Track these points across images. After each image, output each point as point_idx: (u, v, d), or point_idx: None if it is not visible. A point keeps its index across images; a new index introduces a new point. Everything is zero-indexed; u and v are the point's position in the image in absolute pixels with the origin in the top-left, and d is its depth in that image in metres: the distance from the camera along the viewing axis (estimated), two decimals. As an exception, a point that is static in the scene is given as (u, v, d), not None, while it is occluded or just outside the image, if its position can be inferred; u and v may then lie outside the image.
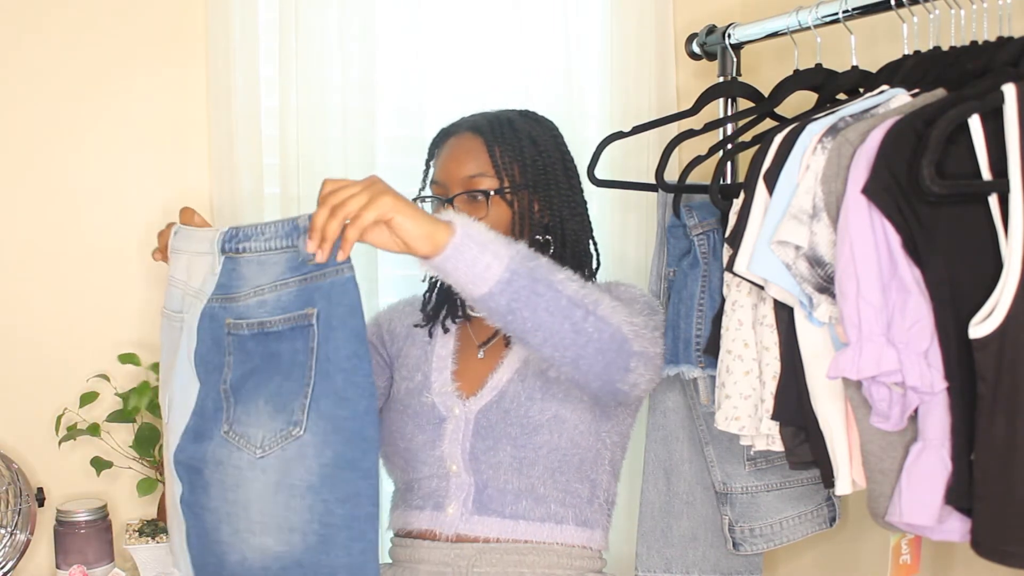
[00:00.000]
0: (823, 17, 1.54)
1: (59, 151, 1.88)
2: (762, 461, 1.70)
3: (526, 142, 1.57)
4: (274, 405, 1.24)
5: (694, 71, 2.05)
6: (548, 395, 1.52)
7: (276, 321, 1.26)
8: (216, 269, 1.32)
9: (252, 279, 1.29)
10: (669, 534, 1.75)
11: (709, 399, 1.60)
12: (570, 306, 1.33)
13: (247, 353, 1.28)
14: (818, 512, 1.75)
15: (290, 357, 1.24)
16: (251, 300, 1.29)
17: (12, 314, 1.87)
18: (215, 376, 1.30)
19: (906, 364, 1.18)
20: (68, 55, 1.87)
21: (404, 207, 1.21)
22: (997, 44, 1.30)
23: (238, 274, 1.31)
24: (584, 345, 1.35)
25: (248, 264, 1.30)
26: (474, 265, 1.25)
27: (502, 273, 1.27)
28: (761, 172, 1.34)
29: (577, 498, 1.55)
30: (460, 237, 1.24)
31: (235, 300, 1.30)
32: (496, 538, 1.51)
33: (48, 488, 1.84)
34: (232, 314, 1.30)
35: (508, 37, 2.02)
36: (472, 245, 1.25)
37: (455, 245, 1.24)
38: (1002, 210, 1.16)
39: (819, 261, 1.27)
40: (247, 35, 1.88)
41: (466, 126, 1.60)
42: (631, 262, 2.04)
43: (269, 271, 1.27)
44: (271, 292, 1.26)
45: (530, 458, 1.51)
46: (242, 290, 1.30)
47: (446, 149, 1.58)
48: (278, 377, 1.25)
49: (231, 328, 1.30)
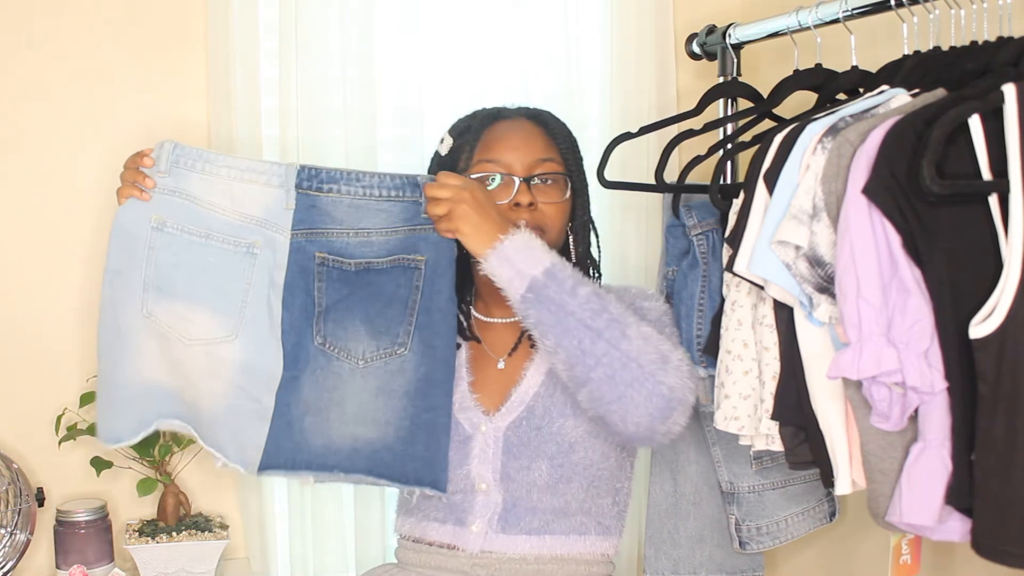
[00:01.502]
0: (823, 17, 1.54)
1: (60, 151, 1.88)
2: (768, 459, 1.70)
3: (576, 141, 1.59)
4: (374, 327, 1.50)
5: (694, 71, 2.05)
6: (579, 410, 1.48)
7: (383, 261, 1.50)
8: (291, 204, 1.48)
9: (346, 220, 1.49)
10: (676, 535, 1.75)
11: (709, 399, 1.60)
12: (580, 326, 1.39)
13: (344, 283, 1.51)
14: (819, 508, 1.75)
15: (392, 291, 1.50)
16: (351, 240, 1.50)
17: (12, 314, 1.87)
18: (301, 299, 1.50)
19: (906, 364, 1.18)
20: (68, 55, 1.87)
21: (466, 223, 1.41)
22: (997, 44, 1.30)
23: (320, 211, 1.49)
24: (592, 368, 1.38)
25: (335, 204, 1.49)
26: (500, 281, 1.41)
27: (523, 289, 1.40)
28: (761, 172, 1.34)
29: (600, 507, 1.54)
30: (492, 254, 1.40)
31: (324, 236, 1.50)
32: (522, 554, 1.50)
33: (48, 488, 1.84)
34: (324, 248, 1.50)
35: (508, 37, 2.02)
36: (500, 263, 1.40)
37: (487, 259, 1.41)
38: (1002, 210, 1.16)
39: (819, 261, 1.27)
40: (247, 35, 1.88)
41: (517, 113, 1.59)
42: (631, 262, 2.04)
43: (373, 217, 1.49)
44: (379, 236, 1.49)
45: (567, 476, 1.49)
46: (331, 228, 1.50)
47: (502, 130, 1.55)
48: (378, 305, 1.50)
49: (325, 261, 1.50)
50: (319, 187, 1.49)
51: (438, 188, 1.43)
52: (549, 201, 1.51)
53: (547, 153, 1.53)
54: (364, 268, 1.50)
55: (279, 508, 1.96)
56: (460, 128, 1.58)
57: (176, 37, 1.91)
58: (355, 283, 1.51)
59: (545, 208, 1.51)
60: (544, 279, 1.39)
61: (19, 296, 1.87)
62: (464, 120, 1.59)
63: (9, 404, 1.87)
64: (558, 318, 1.38)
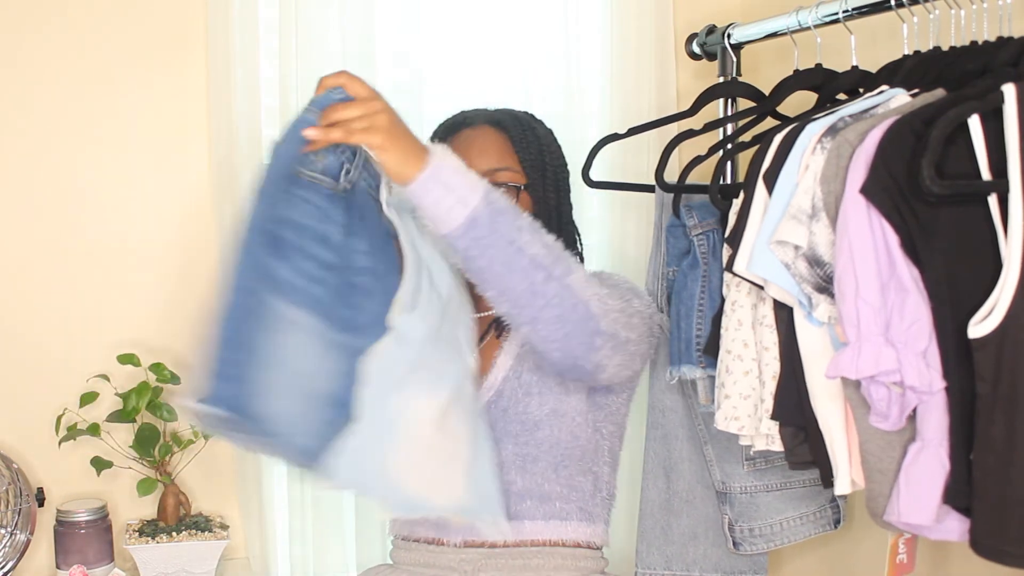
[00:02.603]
0: (823, 17, 1.54)
1: (60, 151, 1.88)
2: (761, 461, 1.70)
3: (544, 143, 1.56)
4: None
5: (694, 71, 2.05)
6: (545, 389, 1.50)
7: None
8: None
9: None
10: (669, 532, 1.75)
11: (708, 399, 1.60)
12: (531, 266, 1.29)
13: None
14: (821, 514, 1.74)
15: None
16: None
17: (13, 314, 1.87)
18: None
19: (905, 364, 1.18)
20: (69, 56, 1.87)
21: (388, 137, 1.23)
22: (997, 44, 1.30)
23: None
24: (541, 308, 1.30)
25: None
26: (438, 205, 1.25)
27: (464, 219, 1.25)
28: (761, 172, 1.34)
29: (580, 492, 1.54)
30: (429, 173, 1.24)
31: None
32: (503, 542, 1.50)
33: (48, 488, 1.84)
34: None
35: (508, 37, 2.02)
36: (438, 185, 1.24)
37: (422, 181, 1.24)
38: (1001, 210, 1.16)
39: (818, 261, 1.27)
40: (247, 35, 1.88)
41: (483, 119, 1.57)
42: (631, 262, 2.04)
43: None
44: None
45: (532, 454, 1.50)
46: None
47: (462, 140, 1.54)
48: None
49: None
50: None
51: (346, 107, 1.26)
52: None
53: (502, 162, 1.52)
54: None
55: (279, 508, 1.96)
56: (432, 135, 1.59)
57: (176, 37, 1.91)
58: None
59: None
60: (486, 206, 1.27)
61: (19, 296, 1.87)
62: (437, 128, 1.60)
63: (9, 404, 1.87)
64: (507, 255, 1.28)
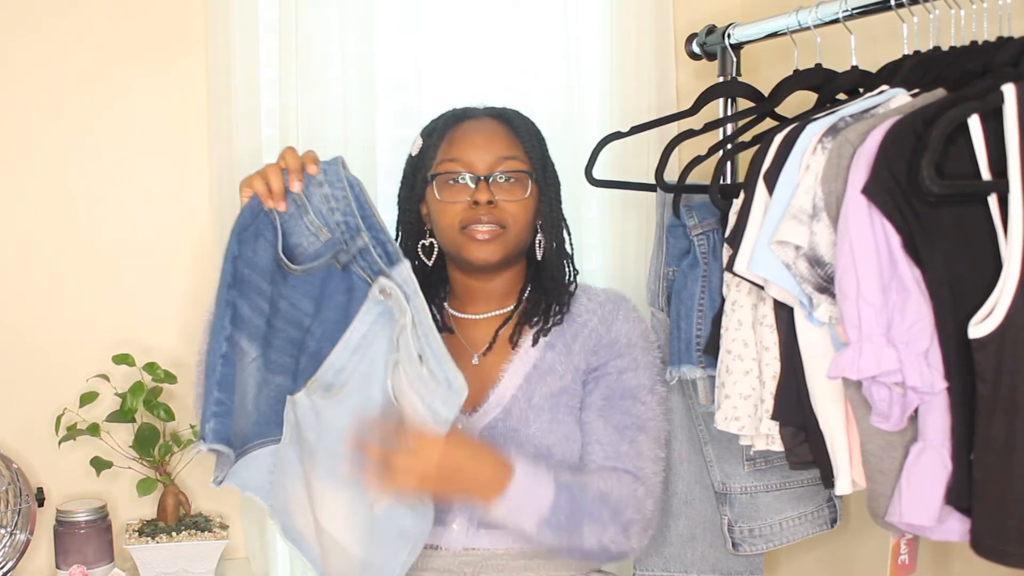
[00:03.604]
0: (823, 17, 1.54)
1: (59, 151, 1.88)
2: (761, 462, 1.70)
3: (543, 139, 1.58)
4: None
5: (694, 71, 2.05)
6: (556, 413, 1.49)
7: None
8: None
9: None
10: (667, 533, 1.75)
11: (708, 399, 1.60)
12: (551, 529, 1.39)
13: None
14: (819, 513, 1.74)
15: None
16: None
17: (12, 314, 1.87)
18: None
19: (906, 364, 1.18)
20: (68, 55, 1.87)
21: (425, 485, 1.35)
22: (997, 44, 1.30)
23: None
24: (548, 548, 1.43)
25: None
26: (521, 512, 1.38)
27: (534, 527, 1.39)
28: (761, 172, 1.34)
29: None
30: (507, 494, 1.36)
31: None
32: (505, 548, 1.49)
33: (48, 488, 1.84)
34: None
35: (508, 37, 2.02)
36: (517, 498, 1.36)
37: (504, 501, 1.37)
38: (1002, 210, 1.16)
39: (819, 261, 1.27)
40: (247, 35, 1.87)
41: (483, 113, 1.58)
42: (631, 262, 2.04)
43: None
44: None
45: None
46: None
47: (466, 130, 1.55)
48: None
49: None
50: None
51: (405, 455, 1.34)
52: (510, 199, 1.50)
53: (510, 151, 1.52)
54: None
55: (279, 508, 1.95)
56: (428, 129, 1.58)
57: (176, 37, 1.91)
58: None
59: (506, 205, 1.50)
60: (555, 491, 1.39)
61: (19, 296, 1.87)
62: (433, 121, 1.59)
63: (9, 404, 1.87)
64: (558, 543, 1.41)
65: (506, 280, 1.56)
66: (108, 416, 1.81)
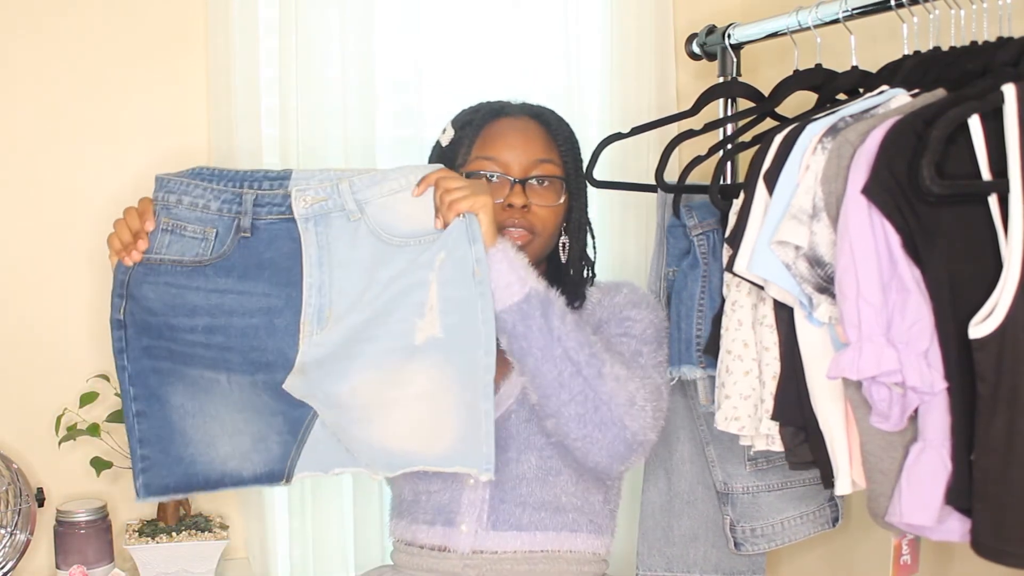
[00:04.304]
0: (823, 17, 1.54)
1: (59, 151, 1.88)
2: (763, 461, 1.70)
3: (576, 141, 1.58)
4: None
5: (694, 71, 2.05)
6: None
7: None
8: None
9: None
10: (670, 533, 1.75)
11: (709, 399, 1.60)
12: (563, 358, 1.38)
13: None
14: (820, 512, 1.74)
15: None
16: None
17: (12, 314, 1.87)
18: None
19: (906, 364, 1.18)
20: (68, 55, 1.87)
21: (488, 206, 1.38)
22: (997, 44, 1.30)
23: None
24: (565, 403, 1.39)
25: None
26: (499, 278, 1.37)
27: (520, 296, 1.37)
28: (761, 172, 1.34)
29: (592, 505, 1.54)
30: (500, 246, 1.38)
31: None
32: (513, 551, 1.49)
33: (48, 488, 1.84)
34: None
35: (508, 37, 2.02)
36: (505, 259, 1.37)
37: (493, 253, 1.37)
38: (1002, 210, 1.16)
39: (819, 261, 1.27)
40: (247, 35, 1.87)
41: (521, 111, 1.57)
42: (631, 262, 2.04)
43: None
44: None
45: (556, 468, 1.50)
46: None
47: (504, 127, 1.54)
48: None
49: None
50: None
51: (454, 177, 1.40)
52: (543, 204, 1.51)
53: (546, 154, 1.52)
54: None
55: (279, 508, 1.96)
56: (463, 120, 1.57)
57: (176, 37, 1.91)
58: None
59: (538, 211, 1.51)
60: (543, 293, 1.39)
61: (19, 296, 1.87)
62: (467, 112, 1.58)
63: (9, 404, 1.87)
64: (546, 340, 1.38)
65: None
66: (108, 416, 1.81)
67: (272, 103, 1.90)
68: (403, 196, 1.41)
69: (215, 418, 1.46)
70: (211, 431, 1.46)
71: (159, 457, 1.46)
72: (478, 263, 1.38)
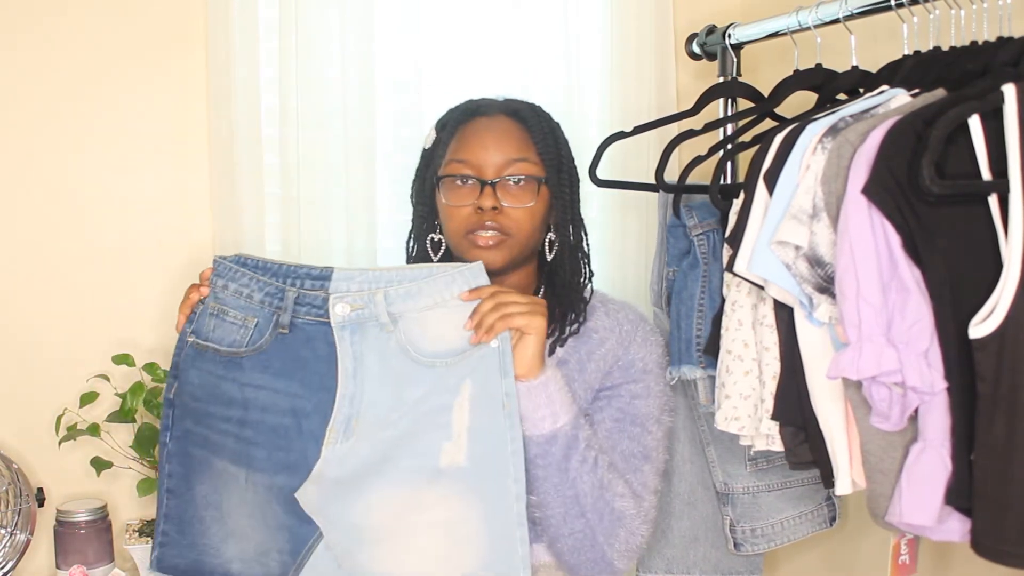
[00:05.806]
0: (823, 17, 1.54)
1: (59, 151, 1.88)
2: (763, 461, 1.70)
3: (558, 136, 1.53)
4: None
5: (694, 71, 2.05)
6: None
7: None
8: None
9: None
10: (670, 534, 1.75)
11: (709, 399, 1.60)
12: (572, 500, 1.39)
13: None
14: (818, 512, 1.75)
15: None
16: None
17: (12, 314, 1.87)
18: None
19: (906, 364, 1.18)
20: (68, 55, 1.87)
21: (541, 332, 1.37)
22: (997, 44, 1.30)
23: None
24: (564, 536, 1.42)
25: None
26: (536, 410, 1.38)
27: (548, 431, 1.38)
28: (761, 172, 1.34)
29: None
30: (542, 379, 1.38)
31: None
32: None
33: (48, 488, 1.84)
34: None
35: (508, 37, 2.02)
36: (543, 392, 1.38)
37: (534, 384, 1.38)
38: (1002, 210, 1.16)
39: (819, 261, 1.27)
40: (247, 35, 1.87)
41: (498, 109, 1.52)
42: (631, 262, 2.04)
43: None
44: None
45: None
46: None
47: (478, 128, 1.50)
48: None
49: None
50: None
51: (510, 292, 1.39)
52: (516, 205, 1.46)
53: (521, 153, 1.48)
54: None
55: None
56: (442, 122, 1.54)
57: (176, 37, 1.91)
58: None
59: (511, 212, 1.46)
60: (570, 432, 1.39)
61: (19, 296, 1.87)
62: (446, 114, 1.55)
63: (9, 404, 1.87)
64: (560, 479, 1.39)
65: (516, 281, 1.53)
66: (108, 416, 1.81)
67: (272, 103, 1.90)
68: (436, 313, 1.38)
69: (229, 516, 1.45)
70: (224, 529, 1.45)
71: (177, 537, 1.47)
72: (507, 397, 1.36)
